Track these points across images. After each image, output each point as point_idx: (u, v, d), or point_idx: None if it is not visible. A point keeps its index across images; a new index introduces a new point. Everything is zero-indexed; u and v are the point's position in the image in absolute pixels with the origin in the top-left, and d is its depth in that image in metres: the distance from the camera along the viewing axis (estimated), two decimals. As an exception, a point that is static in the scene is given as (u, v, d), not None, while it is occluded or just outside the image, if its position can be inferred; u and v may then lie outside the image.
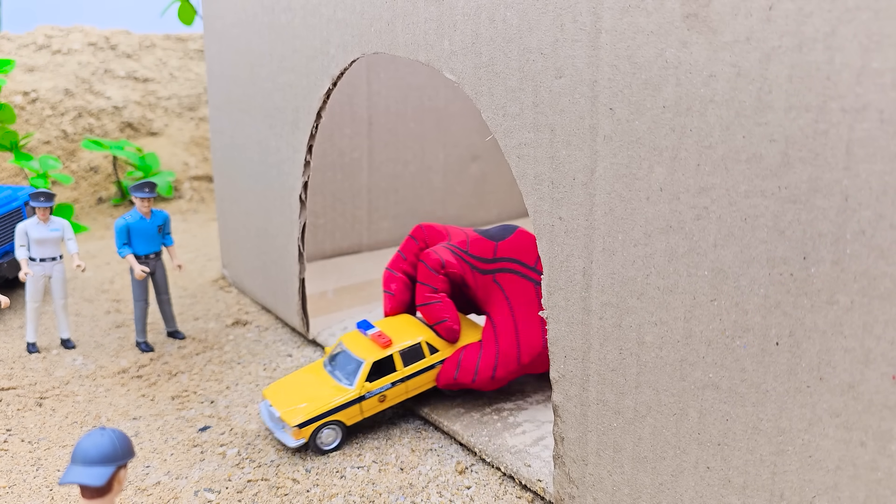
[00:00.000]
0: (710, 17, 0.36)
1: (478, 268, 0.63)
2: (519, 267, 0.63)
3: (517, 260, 0.64)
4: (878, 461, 0.34)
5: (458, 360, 0.62)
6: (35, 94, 1.47)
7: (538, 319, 0.61)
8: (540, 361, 0.62)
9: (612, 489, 0.47)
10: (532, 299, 0.63)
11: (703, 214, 0.38)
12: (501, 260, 0.64)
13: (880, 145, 0.31)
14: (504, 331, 0.62)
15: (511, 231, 0.66)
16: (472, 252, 0.64)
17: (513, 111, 0.47)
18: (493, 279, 0.63)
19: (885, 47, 0.31)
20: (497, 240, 0.65)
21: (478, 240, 0.65)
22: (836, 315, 0.34)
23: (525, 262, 0.64)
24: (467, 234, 0.66)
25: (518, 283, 0.63)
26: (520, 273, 0.63)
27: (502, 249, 0.64)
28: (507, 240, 0.65)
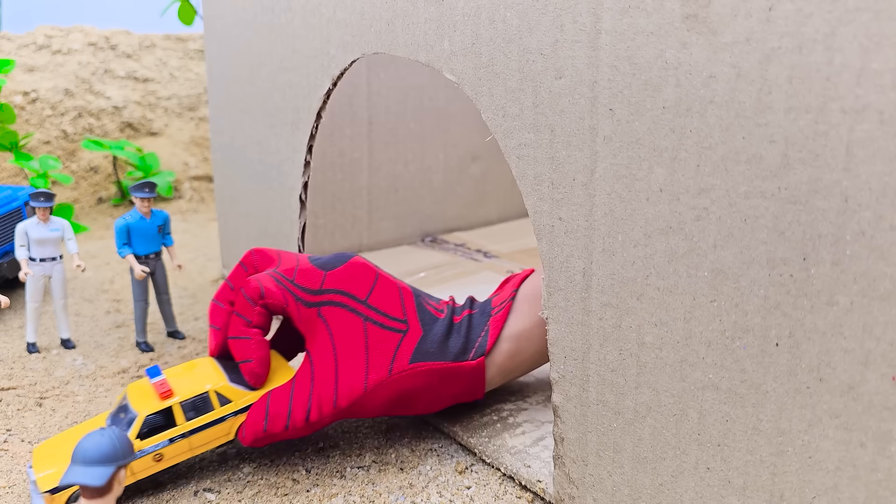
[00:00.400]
0: (710, 17, 0.36)
1: (302, 299, 0.56)
2: (348, 300, 0.57)
3: (346, 292, 0.57)
4: (877, 462, 0.34)
5: (265, 407, 0.55)
6: (35, 94, 1.47)
7: (363, 359, 0.56)
8: (361, 406, 0.56)
9: (611, 490, 0.47)
10: (358, 337, 0.56)
11: (703, 215, 0.38)
12: (328, 292, 0.57)
13: (880, 146, 0.32)
14: (322, 369, 0.55)
15: (344, 260, 0.59)
16: (297, 282, 0.57)
17: (513, 112, 0.47)
18: (317, 313, 0.56)
19: (885, 48, 0.31)
20: (326, 269, 0.58)
21: (307, 269, 0.58)
22: (835, 316, 0.34)
23: (355, 295, 0.58)
24: (298, 262, 0.59)
25: (345, 317, 0.57)
26: (348, 307, 0.57)
27: (331, 280, 0.58)
28: (337, 270, 0.58)
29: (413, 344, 0.57)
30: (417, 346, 0.57)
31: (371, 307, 0.58)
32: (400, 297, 0.59)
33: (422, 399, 0.58)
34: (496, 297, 0.63)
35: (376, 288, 0.59)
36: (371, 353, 0.56)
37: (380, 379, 0.56)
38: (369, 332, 0.57)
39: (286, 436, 0.55)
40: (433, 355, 0.57)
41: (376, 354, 0.56)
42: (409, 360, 0.57)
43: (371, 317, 0.57)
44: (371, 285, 0.58)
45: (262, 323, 0.57)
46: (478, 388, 0.60)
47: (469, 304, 0.63)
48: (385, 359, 0.56)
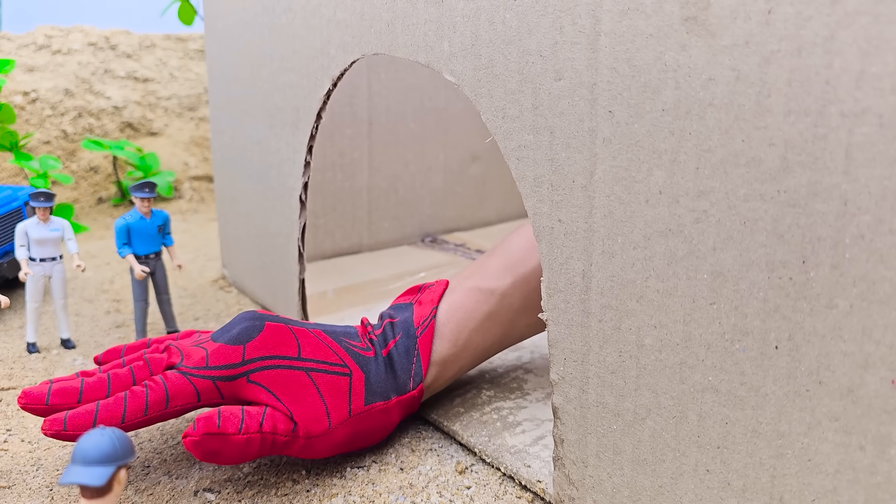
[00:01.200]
0: (710, 20, 0.36)
1: (221, 376, 0.54)
2: (279, 361, 0.55)
3: (275, 356, 0.56)
4: (877, 465, 0.34)
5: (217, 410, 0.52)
6: (35, 94, 1.47)
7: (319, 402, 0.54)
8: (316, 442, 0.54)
9: (611, 491, 0.47)
10: (307, 386, 0.55)
11: (703, 218, 0.38)
12: (253, 360, 0.55)
13: (879, 149, 0.32)
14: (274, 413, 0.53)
15: (259, 328, 0.57)
16: (212, 364, 0.54)
17: (512, 113, 0.47)
18: (246, 380, 0.54)
19: (885, 51, 0.31)
20: (244, 342, 0.56)
21: (219, 350, 0.55)
22: (835, 319, 0.34)
23: (286, 355, 0.56)
24: (207, 349, 0.56)
25: (283, 374, 0.55)
26: (283, 366, 0.55)
27: (252, 350, 0.55)
28: (255, 339, 0.56)
29: (361, 385, 0.57)
30: (366, 387, 0.57)
31: (307, 360, 0.56)
32: (327, 346, 0.58)
33: (373, 435, 0.59)
34: (416, 314, 0.62)
35: (301, 343, 0.57)
36: (326, 397, 0.55)
37: (342, 418, 0.55)
38: (317, 379, 0.56)
39: (235, 441, 0.51)
40: (382, 395, 0.58)
41: (331, 398, 0.55)
42: (363, 402, 0.57)
43: (312, 367, 0.56)
44: (296, 343, 0.57)
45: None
46: (414, 410, 0.62)
47: (390, 331, 0.61)
48: (342, 401, 0.56)
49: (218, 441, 0.51)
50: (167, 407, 0.53)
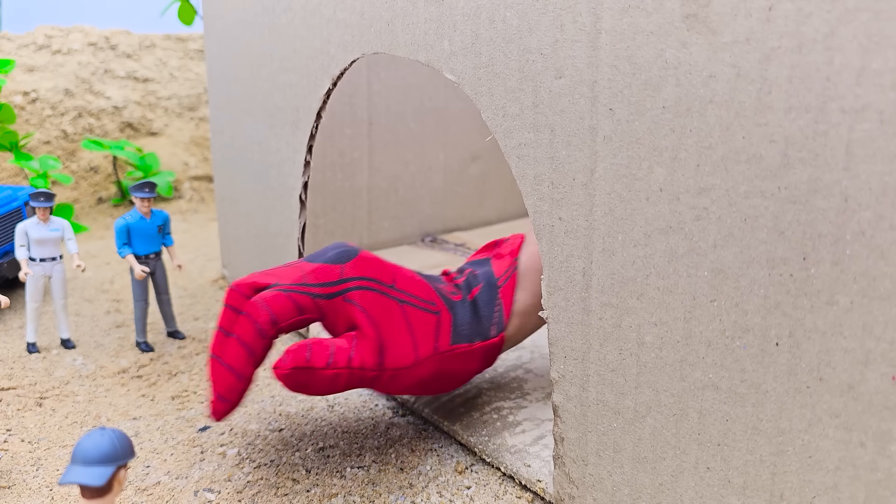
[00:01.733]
0: (710, 17, 0.36)
1: (320, 294, 0.54)
2: (375, 284, 0.56)
3: (370, 278, 0.56)
4: (877, 462, 0.34)
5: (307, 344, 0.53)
6: (35, 94, 1.47)
7: (407, 335, 0.55)
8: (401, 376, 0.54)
9: (611, 489, 0.47)
10: (397, 316, 0.55)
11: (703, 215, 0.38)
12: (351, 279, 0.55)
13: (880, 146, 0.32)
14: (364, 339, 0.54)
15: (355, 253, 0.58)
16: (310, 282, 0.55)
17: (513, 111, 0.47)
18: (343, 299, 0.55)
19: (885, 48, 0.31)
20: (342, 262, 0.56)
21: (317, 268, 0.56)
22: (835, 316, 0.34)
23: (381, 281, 0.56)
24: (302, 269, 0.57)
25: (377, 298, 0.55)
26: (377, 290, 0.56)
27: (349, 270, 0.56)
28: (352, 261, 0.57)
29: (448, 326, 0.58)
30: (453, 328, 0.58)
31: (401, 291, 0.57)
32: (420, 283, 0.59)
33: (453, 378, 0.59)
34: (496, 266, 0.63)
35: (397, 275, 0.59)
36: (415, 331, 0.56)
37: (427, 354, 0.56)
38: (408, 312, 0.56)
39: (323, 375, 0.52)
40: (467, 337, 0.58)
41: (420, 332, 0.56)
42: (450, 342, 0.57)
43: (404, 299, 0.57)
44: (392, 273, 0.58)
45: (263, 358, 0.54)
46: (493, 360, 0.62)
47: (473, 279, 0.62)
48: (429, 337, 0.56)
49: (306, 374, 0.52)
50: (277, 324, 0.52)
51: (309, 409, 0.68)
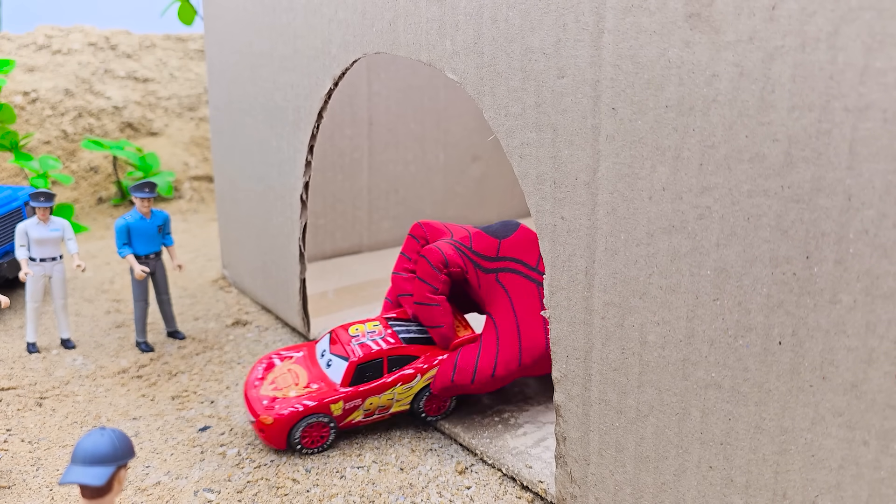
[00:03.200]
0: (713, 16, 0.36)
1: (481, 266, 0.61)
2: (521, 267, 0.62)
3: (520, 260, 0.62)
4: (881, 460, 0.34)
5: (454, 361, 0.60)
6: (35, 94, 1.47)
7: (541, 321, 0.60)
8: (542, 364, 0.60)
9: (614, 489, 0.47)
10: (535, 301, 0.61)
11: (706, 214, 0.38)
12: (504, 259, 0.62)
13: (883, 144, 0.32)
14: (506, 330, 0.60)
15: (514, 228, 0.64)
16: (475, 249, 0.62)
17: (515, 111, 0.47)
18: (496, 278, 0.61)
19: (888, 47, 0.31)
20: (500, 237, 0.63)
21: (480, 236, 0.63)
22: (838, 314, 0.34)
23: (527, 263, 0.62)
24: (469, 231, 0.64)
25: (521, 283, 0.61)
26: (522, 273, 0.62)
27: (506, 248, 0.62)
28: (510, 238, 0.63)
29: None
30: None
31: (541, 273, 0.61)
32: None
33: None
34: None
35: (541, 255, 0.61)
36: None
37: None
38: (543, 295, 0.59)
39: (473, 388, 0.59)
40: None
41: None
42: None
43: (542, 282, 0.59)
44: (538, 253, 0.62)
45: (445, 290, 0.61)
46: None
47: None
48: None
49: (455, 390, 0.60)
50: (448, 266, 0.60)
51: (309, 409, 0.67)
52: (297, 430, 0.58)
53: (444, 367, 0.60)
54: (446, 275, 0.61)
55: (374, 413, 0.61)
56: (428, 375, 0.61)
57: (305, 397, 0.59)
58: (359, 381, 0.60)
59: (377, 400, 0.60)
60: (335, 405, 0.59)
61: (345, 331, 0.63)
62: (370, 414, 0.60)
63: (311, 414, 0.58)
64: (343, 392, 0.59)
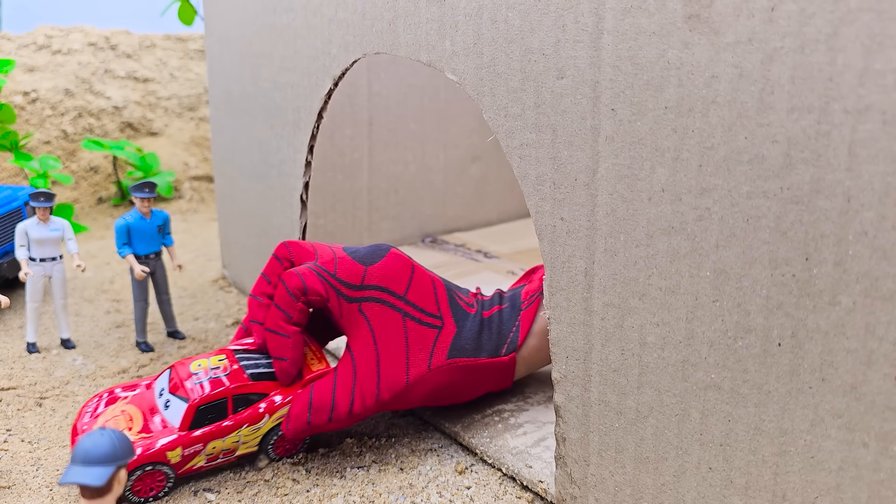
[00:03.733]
0: (712, 18, 0.36)
1: (344, 294, 0.57)
2: (387, 296, 0.58)
3: (386, 288, 0.58)
4: (880, 462, 0.34)
5: (307, 399, 0.55)
6: (35, 94, 1.47)
7: (403, 355, 0.57)
8: (402, 399, 0.57)
9: (614, 490, 0.47)
10: (398, 333, 0.57)
11: (706, 215, 0.38)
12: (369, 287, 0.57)
13: (882, 146, 0.32)
14: (364, 363, 0.56)
15: (382, 254, 0.60)
16: (339, 276, 0.57)
17: (514, 112, 0.47)
18: (358, 308, 0.57)
19: (888, 48, 0.31)
20: (367, 264, 0.58)
21: (346, 262, 0.58)
22: (838, 316, 0.34)
23: (394, 291, 0.58)
24: (335, 254, 0.59)
25: (385, 313, 0.57)
26: (388, 303, 0.57)
27: (371, 276, 0.58)
28: (377, 265, 0.59)
29: (449, 340, 0.59)
30: (453, 342, 0.59)
31: (409, 303, 0.59)
32: (434, 292, 0.60)
33: (457, 391, 0.60)
34: (525, 289, 0.64)
35: (413, 282, 0.59)
36: (411, 349, 0.57)
37: (420, 373, 0.57)
38: (408, 327, 0.58)
39: (329, 427, 0.56)
40: (469, 352, 0.59)
41: (416, 349, 0.57)
42: (446, 356, 0.58)
43: (409, 312, 0.58)
44: (408, 280, 0.59)
45: (301, 320, 0.57)
46: (507, 380, 0.63)
47: (498, 300, 0.64)
48: (424, 354, 0.58)
49: (311, 431, 0.56)
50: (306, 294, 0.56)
51: (309, 410, 0.67)
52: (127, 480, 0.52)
53: (297, 406, 0.56)
54: (304, 303, 0.56)
55: (219, 457, 0.55)
56: (278, 415, 0.56)
57: (138, 444, 0.53)
58: (200, 423, 0.54)
59: (221, 443, 0.55)
60: (172, 452, 0.53)
61: (185, 366, 0.58)
62: (213, 458, 0.55)
63: (143, 463, 0.53)
64: (181, 437, 0.53)
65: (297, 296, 0.56)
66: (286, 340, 0.56)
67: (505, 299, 0.64)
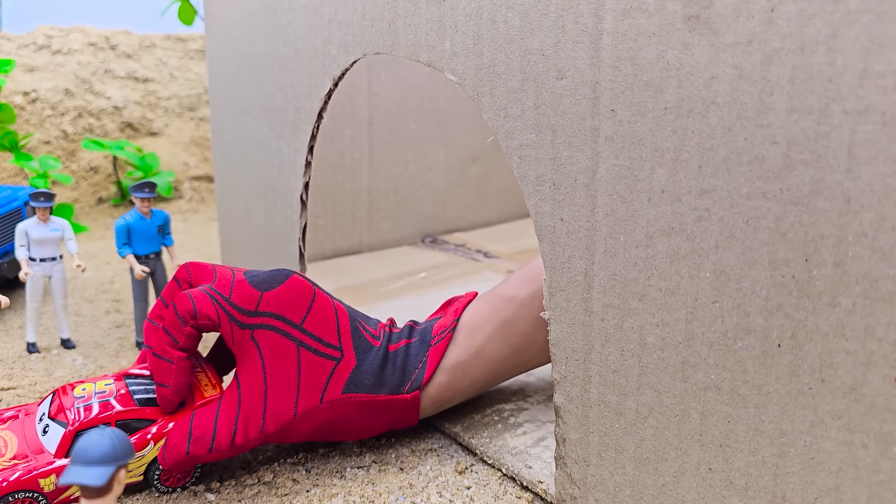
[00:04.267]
0: (712, 18, 0.36)
1: (236, 319, 0.55)
2: (282, 324, 0.55)
3: (281, 316, 0.55)
4: (880, 463, 0.34)
5: (187, 429, 0.53)
6: (35, 94, 1.47)
7: (293, 386, 0.55)
8: (288, 431, 0.55)
9: (613, 490, 0.47)
10: (291, 363, 0.55)
11: (705, 216, 0.38)
12: (263, 314, 0.55)
13: (882, 147, 0.32)
14: (250, 393, 0.54)
15: (282, 279, 0.57)
16: (233, 300, 0.55)
17: (514, 112, 0.47)
18: (250, 335, 0.55)
19: (887, 49, 0.31)
20: (263, 290, 0.56)
21: (242, 285, 0.56)
22: (837, 317, 0.34)
23: (290, 320, 0.56)
24: (234, 277, 0.57)
25: (278, 342, 0.55)
26: (282, 331, 0.55)
27: (267, 302, 0.56)
28: (273, 291, 0.56)
29: (347, 373, 0.56)
30: (351, 375, 0.56)
31: (306, 332, 0.56)
32: (336, 322, 0.57)
33: (351, 428, 0.57)
34: (437, 324, 0.62)
35: (312, 310, 0.57)
36: (303, 380, 0.55)
37: (310, 406, 0.54)
38: (302, 357, 0.55)
39: (209, 458, 0.53)
40: (367, 387, 0.56)
41: (308, 381, 0.55)
42: (341, 390, 0.55)
43: (305, 342, 0.56)
44: (307, 308, 0.57)
45: (188, 345, 0.55)
46: (411, 418, 0.59)
47: (408, 333, 0.61)
48: (317, 386, 0.55)
49: (190, 461, 0.53)
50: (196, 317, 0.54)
51: (309, 410, 0.67)
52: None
53: (176, 436, 0.53)
54: (192, 327, 0.54)
55: None
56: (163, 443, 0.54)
57: (8, 471, 0.50)
58: None
59: None
60: (45, 479, 0.51)
61: (70, 390, 0.55)
62: None
63: (13, 491, 0.50)
64: (56, 465, 0.51)
65: (186, 319, 0.54)
66: (169, 366, 0.54)
67: (415, 332, 0.61)
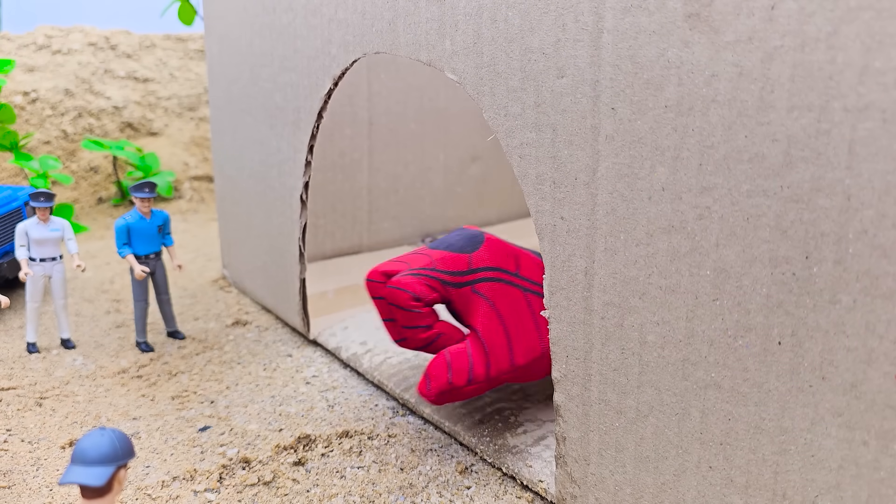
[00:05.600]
0: (712, 16, 0.36)
1: (451, 283, 0.57)
2: (500, 274, 0.58)
3: (497, 268, 0.59)
4: (880, 460, 0.34)
5: (446, 362, 0.56)
6: (35, 94, 1.47)
7: (532, 324, 0.57)
8: (539, 368, 0.57)
9: (614, 489, 0.47)
10: (521, 305, 0.57)
11: (706, 214, 0.38)
12: (479, 270, 0.58)
13: (882, 145, 0.32)
14: (490, 333, 0.56)
15: (480, 241, 0.60)
16: (440, 268, 0.58)
17: (514, 111, 0.47)
18: (471, 290, 0.58)
19: (888, 47, 0.31)
20: (469, 251, 0.59)
21: (446, 257, 0.59)
22: (838, 314, 0.34)
23: (506, 269, 0.59)
24: (430, 255, 0.60)
25: (503, 289, 0.58)
26: (502, 280, 0.58)
27: (479, 259, 0.59)
28: (479, 251, 0.59)
29: None
30: None
31: (524, 279, 0.59)
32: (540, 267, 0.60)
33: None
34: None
35: (520, 261, 0.60)
36: (538, 319, 0.57)
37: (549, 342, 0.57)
38: (531, 300, 0.58)
39: (467, 390, 0.56)
40: None
41: (542, 320, 0.57)
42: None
43: (528, 286, 0.58)
44: (515, 259, 0.60)
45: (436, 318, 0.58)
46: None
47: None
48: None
49: (450, 395, 0.56)
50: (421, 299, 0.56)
51: (309, 409, 0.68)
52: None
53: (435, 367, 0.56)
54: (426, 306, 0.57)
55: None
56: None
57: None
58: None
59: None
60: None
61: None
62: None
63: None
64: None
65: (416, 306, 0.56)
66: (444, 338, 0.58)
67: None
